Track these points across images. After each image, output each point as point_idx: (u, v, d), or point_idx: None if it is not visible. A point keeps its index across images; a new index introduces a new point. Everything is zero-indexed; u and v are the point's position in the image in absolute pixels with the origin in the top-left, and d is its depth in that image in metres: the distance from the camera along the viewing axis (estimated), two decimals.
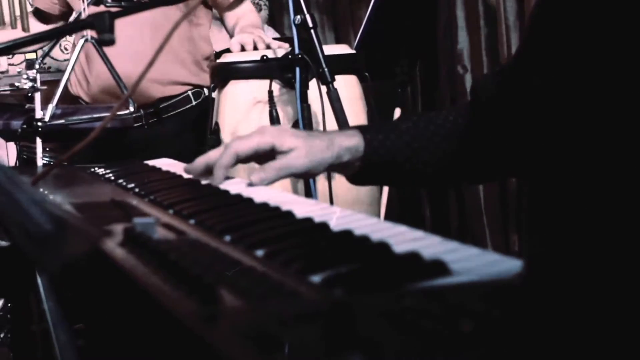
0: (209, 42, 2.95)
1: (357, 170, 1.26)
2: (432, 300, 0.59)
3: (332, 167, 1.24)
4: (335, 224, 0.85)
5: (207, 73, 2.82)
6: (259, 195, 1.04)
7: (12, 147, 2.89)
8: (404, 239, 0.77)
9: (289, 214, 0.91)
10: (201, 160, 1.25)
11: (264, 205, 0.97)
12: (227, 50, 2.68)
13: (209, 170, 1.24)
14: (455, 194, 3.69)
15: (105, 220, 0.92)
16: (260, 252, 0.75)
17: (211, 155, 1.24)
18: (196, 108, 2.83)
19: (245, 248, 0.77)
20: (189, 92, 2.83)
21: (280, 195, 1.08)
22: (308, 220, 0.87)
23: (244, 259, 0.73)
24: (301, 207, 0.94)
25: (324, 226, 0.84)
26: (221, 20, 2.99)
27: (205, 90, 2.85)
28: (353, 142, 1.23)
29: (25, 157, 2.83)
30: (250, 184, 1.17)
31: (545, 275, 0.68)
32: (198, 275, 0.61)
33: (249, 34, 2.55)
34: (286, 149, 1.20)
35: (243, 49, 2.50)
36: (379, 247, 0.74)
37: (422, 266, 0.67)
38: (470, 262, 0.68)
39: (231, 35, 2.91)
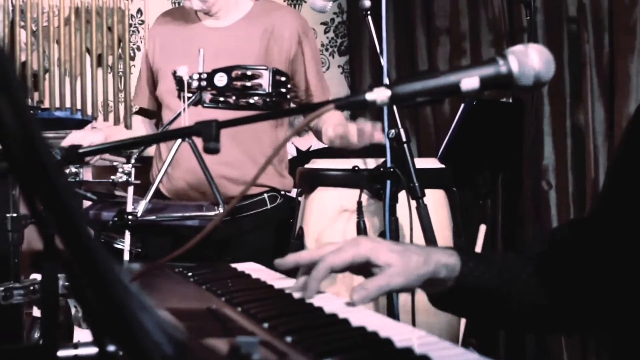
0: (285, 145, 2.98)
1: (445, 292, 1.26)
2: None
3: (426, 283, 1.24)
4: (435, 357, 0.84)
5: (282, 177, 2.83)
6: (353, 316, 1.05)
7: None
8: None
9: (389, 342, 0.91)
10: (292, 258, 1.30)
11: (362, 330, 0.98)
12: (312, 154, 2.69)
13: (297, 268, 1.29)
14: None
15: (205, 333, 0.94)
16: None
17: (302, 256, 1.29)
18: (270, 211, 2.82)
19: None
20: (265, 195, 2.81)
21: (374, 318, 1.09)
22: (409, 351, 0.87)
23: None
24: (397, 333, 0.95)
25: (424, 359, 0.84)
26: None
27: (282, 193, 2.87)
28: (451, 260, 1.24)
29: (102, 240, 2.87)
30: (350, 303, 1.17)
31: None
32: None
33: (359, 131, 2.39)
34: (382, 264, 1.21)
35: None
36: None
37: None
38: None
39: (316, 133, 2.92)
